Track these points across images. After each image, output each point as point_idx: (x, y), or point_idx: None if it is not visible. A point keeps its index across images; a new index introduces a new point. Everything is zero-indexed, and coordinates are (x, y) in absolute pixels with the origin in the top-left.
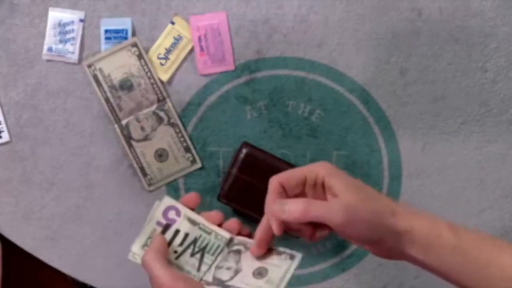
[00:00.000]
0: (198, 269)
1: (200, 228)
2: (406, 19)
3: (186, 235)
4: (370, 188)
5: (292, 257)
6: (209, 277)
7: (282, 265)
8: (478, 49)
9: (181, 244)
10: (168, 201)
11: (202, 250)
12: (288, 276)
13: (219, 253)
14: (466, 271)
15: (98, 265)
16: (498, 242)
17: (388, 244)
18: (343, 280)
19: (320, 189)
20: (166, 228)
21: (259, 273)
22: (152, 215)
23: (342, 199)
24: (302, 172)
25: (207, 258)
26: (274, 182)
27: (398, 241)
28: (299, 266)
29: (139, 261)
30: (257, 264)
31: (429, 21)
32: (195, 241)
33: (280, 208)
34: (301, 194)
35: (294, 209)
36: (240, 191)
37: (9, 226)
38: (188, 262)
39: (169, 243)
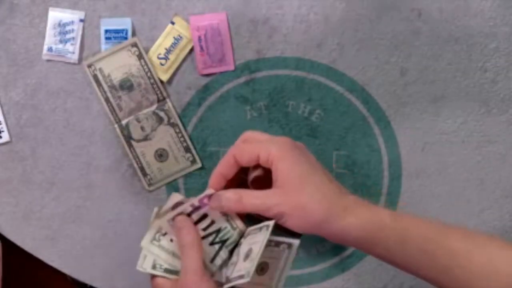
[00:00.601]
0: (212, 261)
1: (227, 220)
2: (406, 19)
3: (212, 222)
4: (318, 178)
5: (289, 246)
6: (221, 277)
7: (281, 257)
8: (478, 49)
9: (205, 229)
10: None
11: (222, 243)
12: (287, 268)
13: (233, 249)
14: (415, 260)
15: (98, 265)
16: (444, 226)
17: (331, 238)
18: (343, 280)
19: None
20: (196, 209)
21: (247, 256)
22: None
23: (278, 191)
24: (256, 149)
25: (223, 252)
26: (229, 153)
27: (341, 239)
28: (298, 253)
29: (148, 270)
30: (246, 248)
31: (429, 21)
32: (218, 231)
33: (217, 203)
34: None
35: (226, 203)
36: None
37: (9, 226)
38: (206, 250)
39: (196, 223)
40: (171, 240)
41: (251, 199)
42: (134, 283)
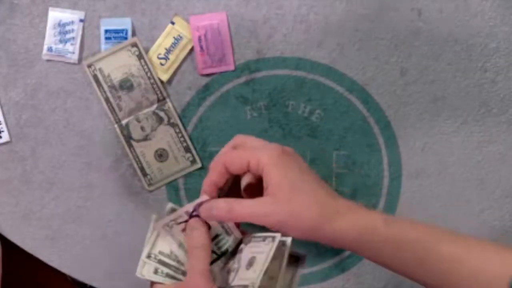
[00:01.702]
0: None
1: (222, 227)
2: (406, 19)
3: (208, 227)
4: (308, 184)
5: (273, 239)
6: (219, 281)
7: (265, 249)
8: (478, 49)
9: None
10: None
11: (218, 249)
12: (269, 259)
13: (230, 255)
14: (408, 264)
15: (98, 265)
16: (436, 231)
17: (325, 242)
18: (343, 280)
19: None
20: (191, 216)
21: (250, 264)
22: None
23: (269, 200)
24: (245, 157)
25: (220, 260)
26: (218, 161)
27: (334, 243)
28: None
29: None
30: (249, 255)
31: (429, 21)
32: (215, 237)
33: (207, 213)
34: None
35: (216, 213)
36: (240, 191)
37: (9, 226)
38: None
39: None
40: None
41: (242, 208)
42: (134, 283)
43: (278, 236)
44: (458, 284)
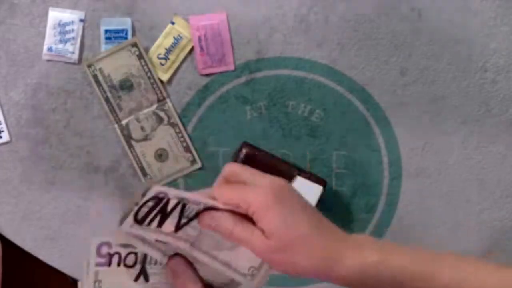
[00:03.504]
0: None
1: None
2: (406, 19)
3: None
4: (305, 229)
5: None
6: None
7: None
8: (478, 49)
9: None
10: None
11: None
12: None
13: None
14: None
15: None
16: (436, 261)
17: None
18: None
19: None
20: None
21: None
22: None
23: (266, 242)
24: (234, 199)
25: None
26: (212, 190)
27: (334, 283)
28: None
29: None
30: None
31: (429, 21)
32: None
33: (210, 223)
34: None
35: (218, 230)
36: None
37: (9, 226)
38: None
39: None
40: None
41: (242, 235)
42: None
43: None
44: None
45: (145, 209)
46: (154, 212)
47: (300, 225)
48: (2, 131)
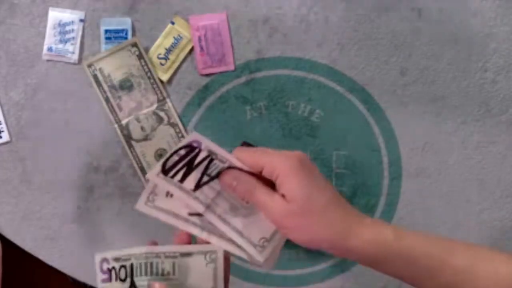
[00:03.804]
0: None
1: (217, 157)
2: (406, 19)
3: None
4: (324, 200)
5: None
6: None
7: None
8: (478, 49)
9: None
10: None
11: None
12: None
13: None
14: (421, 277)
15: None
16: (449, 243)
17: (335, 255)
18: (343, 280)
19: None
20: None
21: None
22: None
23: (286, 206)
24: (260, 161)
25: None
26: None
27: (346, 257)
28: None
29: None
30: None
31: (429, 21)
32: (210, 161)
33: (231, 182)
34: None
35: (238, 189)
36: None
37: (9, 226)
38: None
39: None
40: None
41: (262, 197)
42: None
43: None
44: None
45: (175, 157)
46: (182, 163)
47: (322, 194)
48: (2, 131)
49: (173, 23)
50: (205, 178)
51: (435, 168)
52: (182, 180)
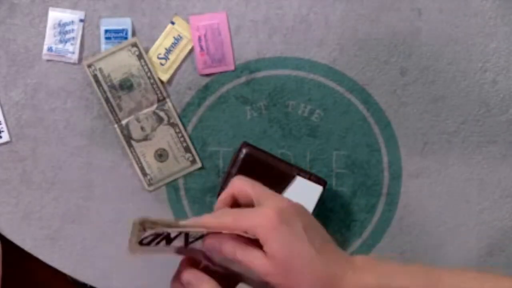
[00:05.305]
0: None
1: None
2: (406, 19)
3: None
4: (307, 257)
5: None
6: None
7: None
8: (478, 49)
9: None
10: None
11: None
12: None
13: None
14: None
15: (98, 265)
16: (434, 274)
17: None
18: None
19: None
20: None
21: None
22: None
23: (268, 262)
24: (239, 223)
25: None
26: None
27: None
28: None
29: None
30: None
31: (429, 21)
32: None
33: (214, 245)
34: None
35: (224, 251)
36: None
37: (9, 226)
38: None
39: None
40: None
41: (245, 258)
42: (134, 283)
43: None
44: None
45: (149, 238)
46: (158, 239)
47: (301, 248)
48: (2, 131)
49: (173, 23)
50: (191, 239)
51: (435, 168)
52: (168, 244)
